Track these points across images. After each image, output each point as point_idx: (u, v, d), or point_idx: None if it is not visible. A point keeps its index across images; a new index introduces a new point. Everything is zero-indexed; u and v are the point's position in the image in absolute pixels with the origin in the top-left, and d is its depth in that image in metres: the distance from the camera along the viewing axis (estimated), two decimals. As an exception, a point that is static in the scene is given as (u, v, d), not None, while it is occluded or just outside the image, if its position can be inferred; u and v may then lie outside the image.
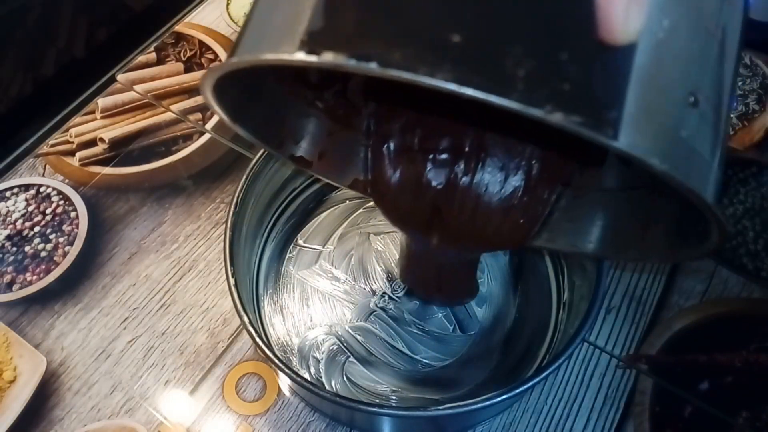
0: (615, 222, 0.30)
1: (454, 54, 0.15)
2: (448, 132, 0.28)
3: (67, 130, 0.49)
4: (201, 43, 0.54)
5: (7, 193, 0.46)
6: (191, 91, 0.51)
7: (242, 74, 0.20)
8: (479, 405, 0.28)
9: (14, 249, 0.43)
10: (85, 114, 0.50)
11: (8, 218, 0.44)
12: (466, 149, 0.28)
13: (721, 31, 0.20)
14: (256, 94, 0.26)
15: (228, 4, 0.57)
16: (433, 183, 0.28)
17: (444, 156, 0.28)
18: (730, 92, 0.21)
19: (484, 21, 0.16)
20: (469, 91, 0.15)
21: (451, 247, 0.30)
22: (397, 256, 0.41)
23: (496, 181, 0.28)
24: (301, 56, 0.16)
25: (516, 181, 0.28)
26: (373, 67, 0.15)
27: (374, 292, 0.40)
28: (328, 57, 0.16)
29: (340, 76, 0.29)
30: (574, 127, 0.15)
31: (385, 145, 0.29)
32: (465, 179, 0.28)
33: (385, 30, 0.16)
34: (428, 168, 0.28)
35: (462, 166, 0.28)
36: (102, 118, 0.49)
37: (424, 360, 0.37)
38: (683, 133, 0.18)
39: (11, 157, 0.48)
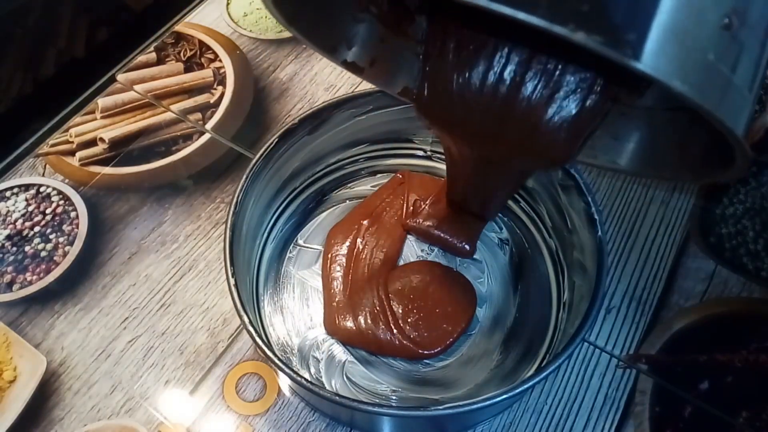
0: (654, 140, 0.30)
1: None
2: (502, 44, 0.27)
3: (67, 130, 0.49)
4: (201, 43, 0.54)
5: (7, 193, 0.46)
6: (191, 91, 0.51)
7: None
8: (479, 405, 0.28)
9: (14, 249, 0.43)
10: (85, 114, 0.50)
11: (8, 218, 0.44)
12: (520, 60, 0.27)
13: None
14: None
15: (228, 4, 0.57)
16: (487, 90, 0.28)
17: (497, 64, 0.28)
18: None
19: None
20: (496, 7, 0.16)
21: (500, 157, 0.30)
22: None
23: (549, 92, 0.27)
24: None
25: (569, 94, 0.27)
26: None
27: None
28: None
29: None
30: (595, 47, 0.16)
31: (440, 52, 0.29)
32: (519, 88, 0.27)
33: None
34: (482, 75, 0.28)
35: (517, 75, 0.27)
36: (102, 118, 0.49)
37: (424, 360, 0.37)
38: (710, 56, 0.18)
39: (11, 157, 0.48)
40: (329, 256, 0.40)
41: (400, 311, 0.37)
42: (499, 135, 0.28)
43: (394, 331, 0.37)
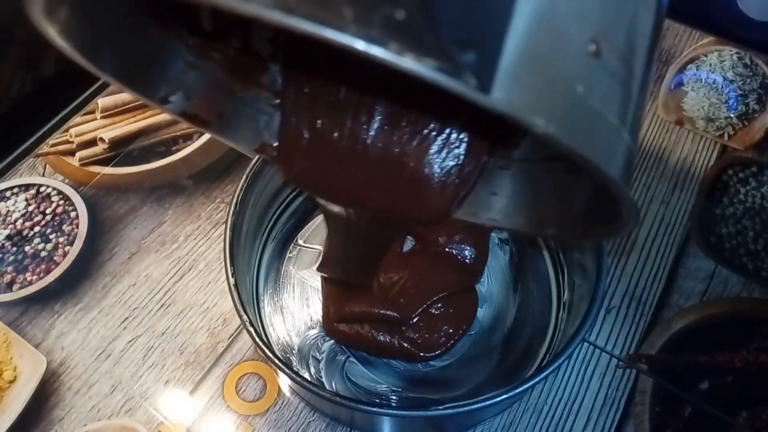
0: (535, 197, 0.27)
1: None
2: (368, 93, 0.25)
3: (67, 130, 0.49)
4: (201, 43, 0.54)
5: (7, 193, 0.46)
6: (191, 91, 0.51)
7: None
8: (479, 405, 0.28)
9: (14, 249, 0.43)
10: (85, 114, 0.50)
11: (8, 218, 0.44)
12: (382, 113, 0.25)
13: None
14: (121, 30, 0.21)
15: (228, 4, 0.57)
16: (351, 143, 0.25)
17: (364, 116, 0.25)
18: (648, 48, 0.17)
19: None
20: (295, 22, 0.12)
21: (366, 214, 0.27)
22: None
23: (417, 147, 0.25)
24: None
25: (440, 148, 0.25)
26: None
27: (374, 292, 0.40)
28: None
29: (242, 24, 0.25)
30: (427, 74, 0.12)
31: (296, 105, 0.26)
32: (382, 144, 0.25)
33: None
34: (346, 127, 0.25)
35: (380, 130, 0.25)
36: (102, 118, 0.49)
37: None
38: (579, 89, 0.15)
39: (11, 157, 0.48)
40: None
41: None
42: (364, 193, 0.26)
43: (394, 333, 0.36)
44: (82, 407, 0.37)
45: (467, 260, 0.38)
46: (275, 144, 0.27)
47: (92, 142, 0.48)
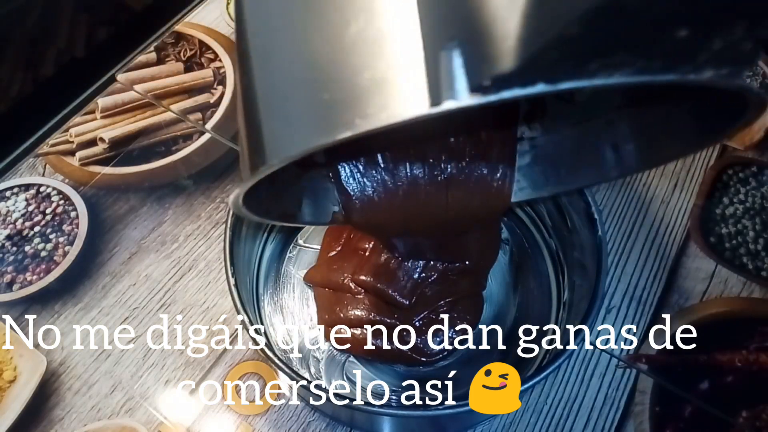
0: (578, 154, 0.31)
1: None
2: (399, 147, 0.30)
3: (67, 130, 0.49)
4: (201, 42, 0.54)
5: (7, 193, 0.46)
6: (191, 90, 0.51)
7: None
8: (479, 405, 0.28)
9: (14, 249, 0.43)
10: (85, 114, 0.50)
11: (8, 218, 0.44)
12: (417, 155, 0.30)
13: None
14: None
15: (228, 4, 0.57)
16: (401, 190, 0.30)
17: (403, 163, 0.30)
18: None
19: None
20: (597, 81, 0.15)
21: (441, 238, 0.32)
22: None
23: (454, 167, 0.29)
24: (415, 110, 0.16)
25: (476, 153, 0.29)
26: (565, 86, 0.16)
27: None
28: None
29: None
30: (725, 84, 0.17)
31: (346, 171, 0.31)
32: (424, 176, 0.30)
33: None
34: (392, 177, 0.30)
35: (418, 166, 0.30)
36: (102, 118, 0.49)
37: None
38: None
39: (11, 157, 0.48)
40: (327, 254, 0.40)
41: None
42: (424, 222, 0.30)
43: (394, 338, 0.36)
44: (82, 407, 0.37)
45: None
46: (343, 209, 0.32)
47: (92, 142, 0.48)
